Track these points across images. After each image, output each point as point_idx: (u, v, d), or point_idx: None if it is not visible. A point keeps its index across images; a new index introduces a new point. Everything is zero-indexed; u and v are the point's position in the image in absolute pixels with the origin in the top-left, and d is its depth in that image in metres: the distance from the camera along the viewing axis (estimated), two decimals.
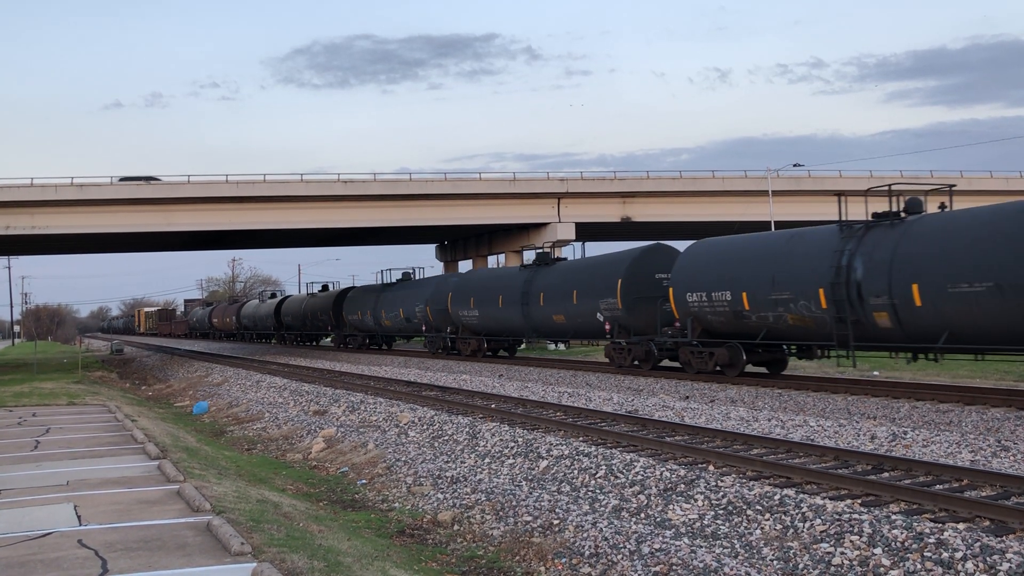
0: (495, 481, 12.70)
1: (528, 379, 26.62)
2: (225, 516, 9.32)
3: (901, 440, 13.30)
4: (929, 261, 17.58)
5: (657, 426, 15.38)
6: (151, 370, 48.89)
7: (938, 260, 17.41)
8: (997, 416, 15.31)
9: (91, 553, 7.99)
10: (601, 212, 49.94)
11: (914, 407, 16.79)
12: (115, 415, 20.43)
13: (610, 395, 20.65)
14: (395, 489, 13.33)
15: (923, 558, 7.88)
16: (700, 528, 9.76)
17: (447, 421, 17.36)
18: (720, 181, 50.47)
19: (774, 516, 9.52)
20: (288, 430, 20.11)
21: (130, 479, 11.84)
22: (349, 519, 11.54)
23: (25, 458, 14.06)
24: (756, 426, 15.26)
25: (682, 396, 20.65)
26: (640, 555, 8.98)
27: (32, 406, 23.34)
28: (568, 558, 9.36)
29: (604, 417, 16.78)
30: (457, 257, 61.91)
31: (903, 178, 52.06)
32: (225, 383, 33.14)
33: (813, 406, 17.84)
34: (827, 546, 8.55)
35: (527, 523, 10.61)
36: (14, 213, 42.62)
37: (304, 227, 48.21)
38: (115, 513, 9.66)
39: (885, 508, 9.40)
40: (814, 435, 14.17)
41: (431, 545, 10.39)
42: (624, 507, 10.88)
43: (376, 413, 20.01)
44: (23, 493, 11.03)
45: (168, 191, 44.18)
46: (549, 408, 18.62)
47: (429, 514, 11.76)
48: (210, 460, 15.10)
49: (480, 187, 48.22)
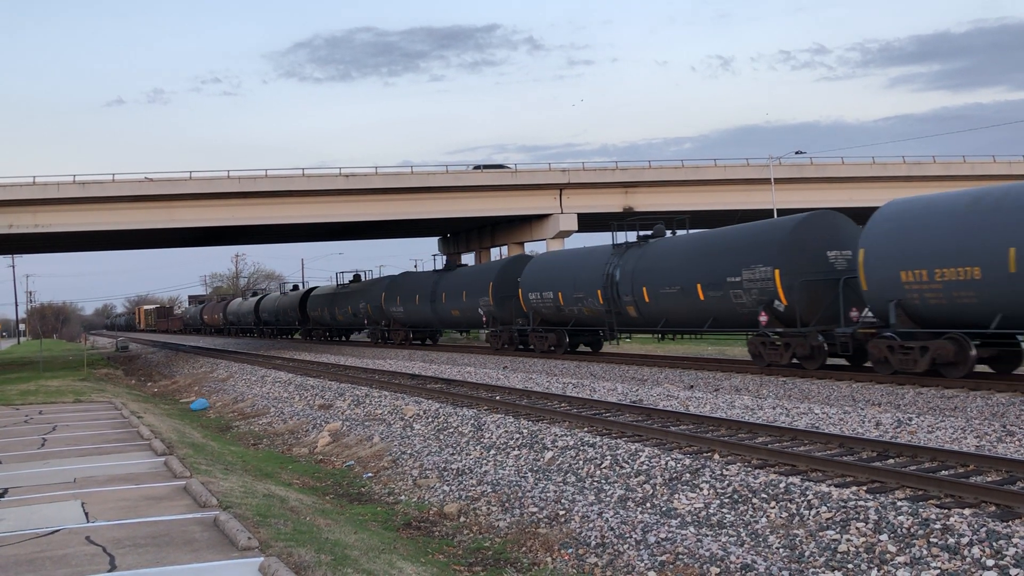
0: (501, 473, 12.72)
1: (532, 370, 26.66)
2: (232, 511, 9.35)
3: (906, 426, 13.30)
4: (652, 272, 25.44)
5: (662, 415, 15.40)
6: (156, 367, 48.98)
7: (656, 271, 25.30)
8: (1002, 401, 15.31)
9: (99, 550, 8.02)
10: (604, 202, 49.87)
11: (919, 393, 16.78)
12: (121, 412, 20.48)
13: (614, 385, 20.67)
14: (401, 482, 13.35)
15: (929, 544, 7.89)
16: (706, 517, 9.78)
17: (452, 413, 17.38)
18: (722, 170, 50.41)
19: (779, 504, 9.53)
20: (294, 424, 20.15)
21: (137, 475, 11.87)
22: (356, 512, 11.57)
23: (32, 456, 14.11)
24: (761, 414, 15.27)
25: (687, 385, 20.67)
26: (646, 544, 9.00)
27: (38, 404, 23.41)
28: (575, 548, 9.38)
29: (609, 407, 16.80)
30: (460, 250, 61.88)
31: (904, 164, 51.94)
32: (230, 378, 33.20)
33: (817, 393, 17.84)
34: (833, 533, 8.56)
35: (533, 514, 10.63)
36: (17, 212, 42.68)
37: (306, 221, 48.21)
38: (122, 510, 9.69)
39: (891, 495, 9.41)
40: (819, 422, 14.17)
41: (437, 537, 10.42)
42: (630, 497, 10.90)
43: (381, 406, 20.04)
44: (31, 491, 11.07)
45: (170, 187, 44.18)
46: (554, 399, 18.64)
47: (435, 506, 11.78)
48: (216, 455, 15.14)
49: (482, 179, 48.18)
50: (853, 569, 7.86)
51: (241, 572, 7.24)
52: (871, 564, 7.85)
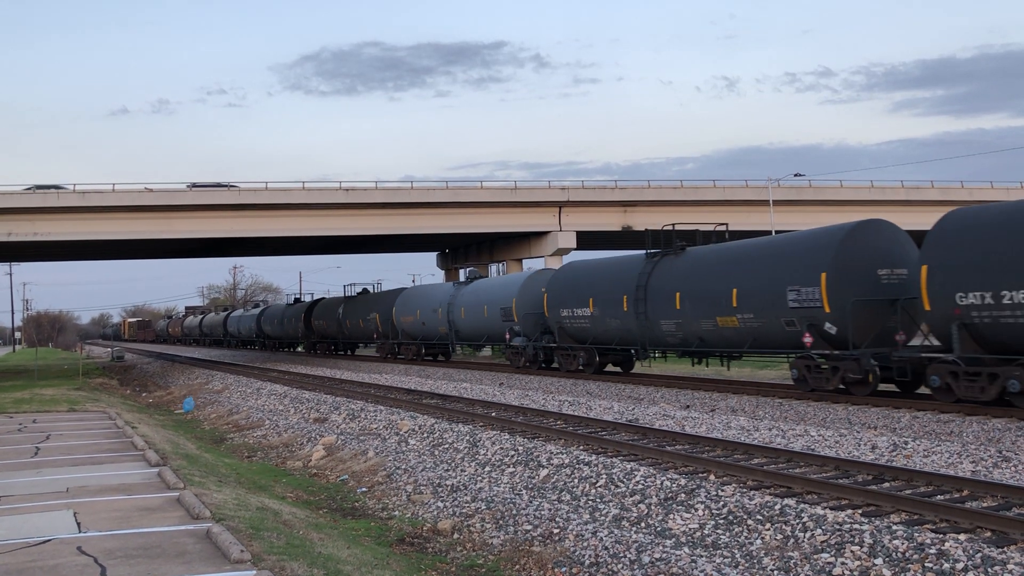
0: (495, 489, 12.68)
1: (528, 387, 26.61)
2: (225, 523, 9.31)
3: (902, 450, 13.28)
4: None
5: (658, 435, 15.37)
6: (151, 377, 48.87)
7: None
8: (998, 427, 15.29)
9: (90, 560, 7.98)
10: (602, 221, 49.98)
11: (915, 417, 16.76)
12: (115, 422, 20.42)
13: (610, 404, 20.64)
14: (395, 497, 13.31)
15: (924, 569, 7.86)
16: (701, 538, 9.75)
17: (447, 429, 17.34)
18: (721, 190, 50.55)
19: (775, 526, 9.50)
20: (288, 437, 20.09)
21: (130, 486, 11.82)
22: (349, 527, 11.52)
23: (25, 464, 14.05)
24: (757, 435, 15.24)
25: (683, 405, 20.64)
26: (640, 564, 8.96)
27: (33, 412, 23.33)
28: (568, 567, 9.34)
29: (604, 426, 16.76)
30: (458, 264, 61.92)
31: (903, 188, 52.11)
32: (226, 390, 33.12)
33: (814, 416, 17.82)
34: (828, 556, 8.53)
35: (527, 532, 10.59)
36: (16, 220, 42.66)
37: (306, 235, 48.22)
38: (115, 520, 9.64)
39: (886, 518, 9.39)
40: (815, 445, 14.15)
41: (431, 553, 10.37)
42: (624, 516, 10.86)
43: (376, 421, 20.00)
44: (23, 500, 11.02)
45: (169, 198, 44.22)
46: (549, 417, 18.61)
47: (429, 522, 11.74)
48: (210, 467, 15.09)
49: (481, 195, 48.27)
50: None
51: None
52: None
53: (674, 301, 23.56)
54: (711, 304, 22.65)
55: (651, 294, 24.78)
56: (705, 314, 22.93)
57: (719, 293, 22.33)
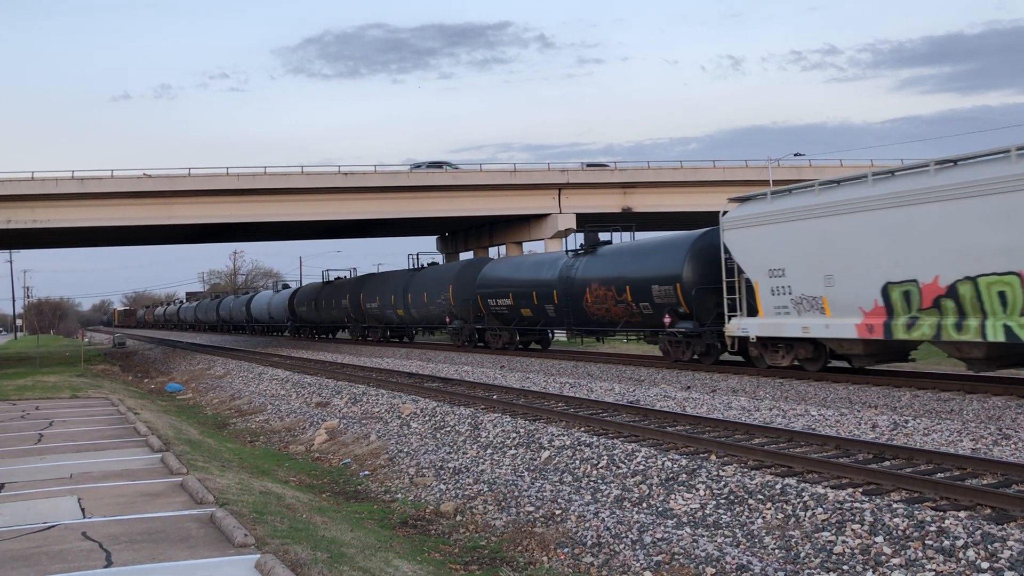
0: (497, 472, 12.73)
1: (529, 370, 26.66)
2: (228, 508, 9.35)
3: (902, 429, 13.32)
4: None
5: (658, 416, 15.41)
6: (153, 363, 48.95)
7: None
8: (998, 404, 15.33)
9: (95, 545, 8.03)
10: (602, 203, 49.90)
11: (915, 396, 16.80)
12: (118, 408, 20.47)
13: (611, 386, 20.68)
14: (398, 480, 13.36)
15: (924, 546, 7.91)
16: (702, 517, 9.79)
17: (449, 412, 17.39)
18: (721, 171, 50.44)
19: (775, 505, 9.54)
20: (291, 422, 20.15)
21: (133, 472, 11.87)
22: (352, 510, 11.57)
23: (29, 451, 14.10)
24: (757, 415, 15.28)
25: (683, 386, 20.68)
26: (642, 544, 9.01)
27: (35, 399, 23.39)
28: (570, 548, 9.39)
29: (606, 407, 16.81)
30: (458, 248, 61.88)
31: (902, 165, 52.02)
32: (227, 376, 33.18)
33: (814, 395, 17.87)
34: (829, 535, 8.57)
35: (529, 513, 10.64)
36: (15, 207, 42.62)
37: (305, 219, 48.17)
38: (119, 506, 9.69)
39: (886, 496, 9.43)
40: (815, 424, 14.19)
41: (434, 536, 10.43)
42: (626, 497, 10.91)
43: (378, 404, 20.04)
44: (27, 486, 11.06)
45: (168, 184, 44.15)
46: (551, 399, 18.65)
47: (432, 505, 11.79)
48: (213, 452, 15.14)
49: (480, 178, 48.18)
50: (848, 571, 7.88)
51: (237, 569, 7.24)
52: (866, 566, 7.87)
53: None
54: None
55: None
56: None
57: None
